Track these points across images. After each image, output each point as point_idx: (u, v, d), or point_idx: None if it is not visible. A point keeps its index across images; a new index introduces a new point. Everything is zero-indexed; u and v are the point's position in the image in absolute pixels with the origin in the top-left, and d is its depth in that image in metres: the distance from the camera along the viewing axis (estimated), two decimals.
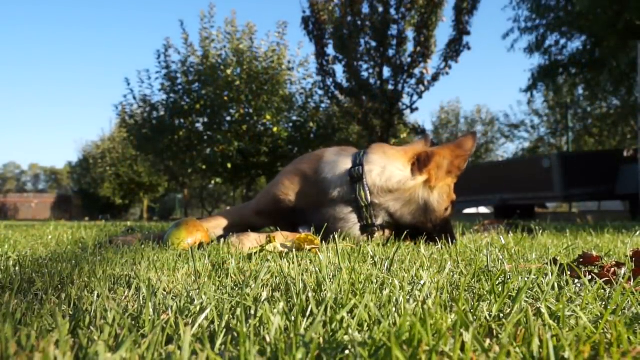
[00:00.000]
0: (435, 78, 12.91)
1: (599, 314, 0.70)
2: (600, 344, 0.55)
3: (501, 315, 0.69)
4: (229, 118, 15.14)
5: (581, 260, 1.12)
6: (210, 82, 14.38)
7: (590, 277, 1.01)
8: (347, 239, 1.75)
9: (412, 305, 0.66)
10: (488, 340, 0.57)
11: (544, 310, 0.67)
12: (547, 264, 1.13)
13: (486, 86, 77.17)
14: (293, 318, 0.62)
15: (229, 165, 14.79)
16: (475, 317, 0.66)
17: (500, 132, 27.54)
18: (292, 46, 39.28)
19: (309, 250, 1.40)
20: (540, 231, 2.43)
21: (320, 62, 13.21)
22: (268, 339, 0.54)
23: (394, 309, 0.67)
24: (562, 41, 11.10)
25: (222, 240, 1.62)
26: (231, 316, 0.68)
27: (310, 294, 0.71)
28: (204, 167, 14.92)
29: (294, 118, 16.10)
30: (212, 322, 0.65)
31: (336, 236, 1.42)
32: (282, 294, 0.79)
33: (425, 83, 13.03)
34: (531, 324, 0.59)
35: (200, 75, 14.66)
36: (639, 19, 8.65)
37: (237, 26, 15.51)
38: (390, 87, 13.19)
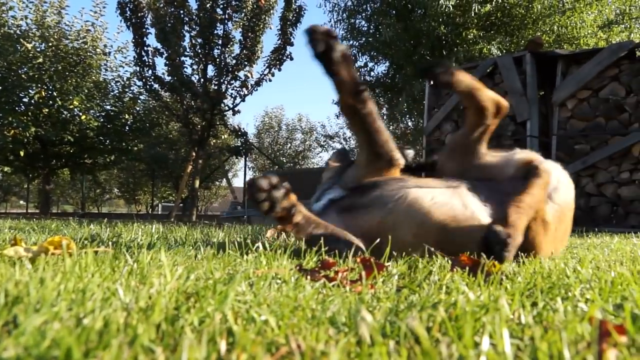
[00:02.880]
0: (258, 83, 13.16)
1: (309, 316, 0.77)
2: (272, 343, 0.60)
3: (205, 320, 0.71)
4: (26, 99, 13.28)
5: (320, 265, 1.23)
6: (5, 55, 12.44)
7: (323, 280, 1.11)
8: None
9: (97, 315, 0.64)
10: (160, 349, 0.57)
11: (231, 313, 0.71)
12: (292, 269, 1.21)
13: (308, 96, 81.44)
14: None
15: (22, 153, 12.95)
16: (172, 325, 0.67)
17: (317, 141, 29.34)
18: (112, 29, 36.25)
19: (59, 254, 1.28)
20: None
21: (139, 51, 12.43)
22: None
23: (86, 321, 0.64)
24: (371, 64, 12.34)
25: None
26: None
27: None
28: None
29: (108, 107, 14.82)
30: None
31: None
32: None
33: (249, 87, 13.21)
34: (215, 328, 0.61)
35: None
36: (430, 54, 10.07)
37: None
38: (213, 86, 13.04)
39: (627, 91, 5.89)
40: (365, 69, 12.34)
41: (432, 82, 1.82)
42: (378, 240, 1.57)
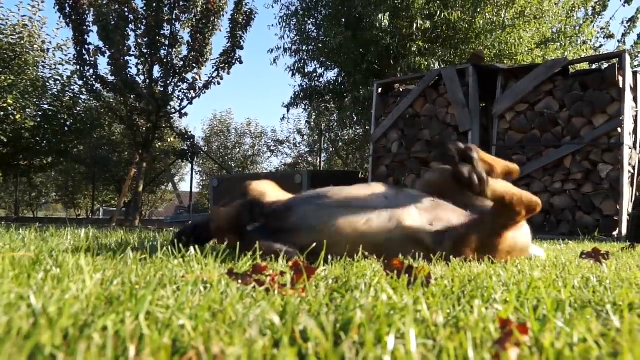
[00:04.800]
0: (207, 85, 12.92)
1: (233, 319, 0.75)
2: (187, 347, 0.59)
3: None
4: None
5: (252, 270, 1.22)
6: None
7: (254, 284, 1.10)
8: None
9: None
10: (62, 355, 0.55)
11: (146, 318, 0.69)
12: (222, 274, 1.19)
13: (258, 101, 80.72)
14: None
15: None
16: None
17: (267, 146, 29.17)
18: (51, 24, 34.61)
19: None
20: None
21: (79, 50, 11.91)
22: None
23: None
24: (320, 70, 12.41)
25: None
26: None
27: None
28: None
29: (45, 106, 14.11)
30: None
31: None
32: None
33: (197, 89, 12.95)
34: (127, 333, 0.59)
35: None
36: (377, 63, 10.27)
37: None
38: (160, 88, 12.70)
39: (560, 106, 6.22)
40: (316, 74, 12.41)
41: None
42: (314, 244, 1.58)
